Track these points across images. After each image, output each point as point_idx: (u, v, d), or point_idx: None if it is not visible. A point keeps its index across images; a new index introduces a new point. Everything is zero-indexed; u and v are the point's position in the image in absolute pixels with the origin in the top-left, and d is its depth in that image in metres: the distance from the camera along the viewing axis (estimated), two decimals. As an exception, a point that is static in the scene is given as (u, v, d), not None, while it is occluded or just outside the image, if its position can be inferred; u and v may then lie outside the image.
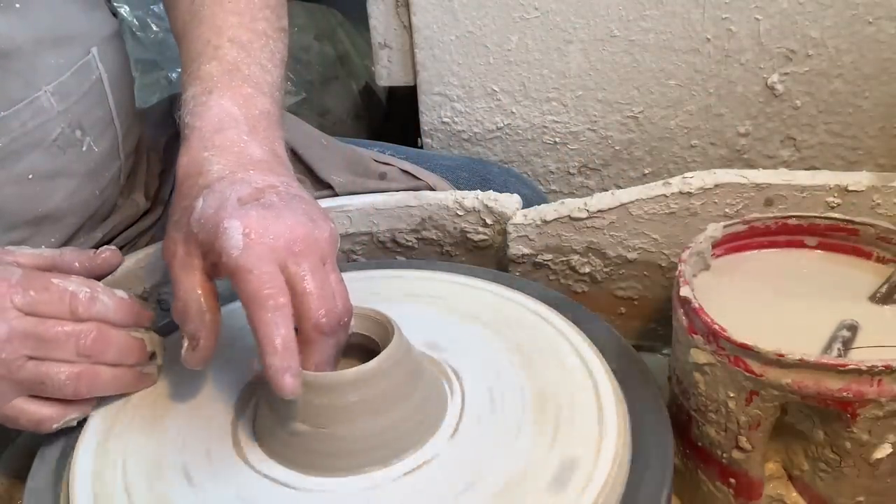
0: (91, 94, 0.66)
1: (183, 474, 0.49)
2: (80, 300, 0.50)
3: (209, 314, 0.49)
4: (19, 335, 0.48)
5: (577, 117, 0.98)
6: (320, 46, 1.55)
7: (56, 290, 0.50)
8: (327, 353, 0.48)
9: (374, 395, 0.47)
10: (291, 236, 0.48)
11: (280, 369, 0.44)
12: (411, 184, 0.81)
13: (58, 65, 0.62)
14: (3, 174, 0.61)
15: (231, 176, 0.52)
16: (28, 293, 0.49)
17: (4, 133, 0.60)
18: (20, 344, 0.48)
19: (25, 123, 0.61)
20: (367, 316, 0.52)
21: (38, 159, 0.63)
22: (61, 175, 0.65)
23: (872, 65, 0.85)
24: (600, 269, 0.72)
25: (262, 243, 0.47)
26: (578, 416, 0.50)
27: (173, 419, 0.53)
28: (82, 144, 0.66)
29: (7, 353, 0.48)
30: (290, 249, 0.48)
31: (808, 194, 0.64)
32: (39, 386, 0.49)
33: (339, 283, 0.50)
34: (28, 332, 0.48)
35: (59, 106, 0.63)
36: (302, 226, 0.49)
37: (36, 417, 0.50)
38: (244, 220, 0.47)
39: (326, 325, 0.47)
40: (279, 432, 0.49)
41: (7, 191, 0.62)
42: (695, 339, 0.51)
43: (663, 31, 0.90)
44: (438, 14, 0.95)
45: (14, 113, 0.60)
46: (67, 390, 0.50)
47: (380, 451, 0.48)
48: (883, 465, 0.48)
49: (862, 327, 0.53)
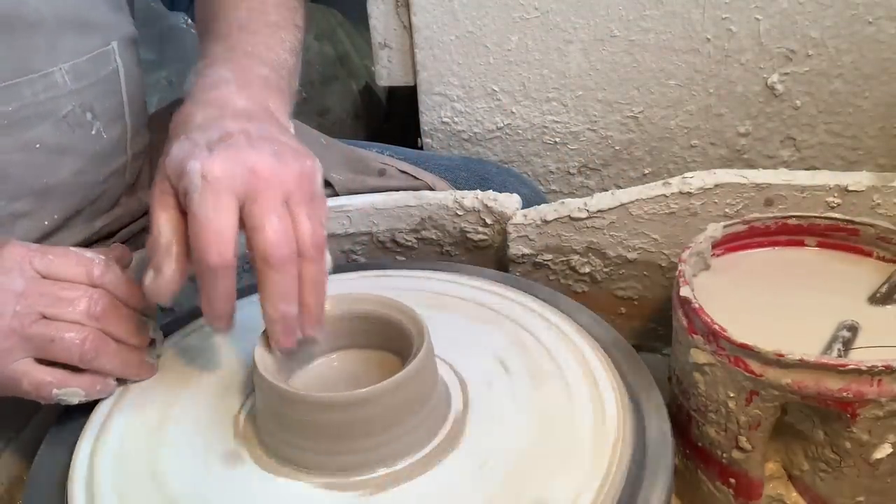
0: (105, 82, 0.69)
1: (182, 475, 0.49)
2: (96, 264, 0.53)
3: (176, 247, 0.50)
4: (34, 292, 0.50)
5: (577, 117, 0.98)
6: (320, 46, 1.55)
7: (74, 255, 0.53)
8: (281, 286, 0.48)
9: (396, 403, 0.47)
10: (249, 176, 0.49)
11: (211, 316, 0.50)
12: (411, 181, 0.81)
13: (76, 48, 0.66)
14: (12, 140, 0.64)
15: (207, 123, 0.54)
16: (47, 256, 0.52)
17: (16, 98, 0.63)
18: (35, 300, 0.50)
19: (37, 94, 0.64)
20: (402, 311, 0.52)
21: (46, 131, 0.65)
22: (69, 153, 0.68)
23: (872, 65, 0.85)
24: (600, 269, 0.72)
25: (217, 184, 0.48)
26: (579, 416, 0.50)
27: (175, 421, 0.53)
28: (91, 127, 0.69)
29: (21, 307, 0.50)
30: (246, 188, 0.48)
31: (808, 194, 0.64)
32: (49, 344, 0.50)
33: (306, 219, 0.50)
34: (43, 290, 0.51)
35: (73, 85, 0.66)
36: (263, 164, 0.49)
37: (37, 379, 0.51)
38: (205, 161, 0.48)
39: (273, 258, 0.47)
40: (287, 438, 0.49)
41: (14, 157, 0.64)
42: (695, 339, 0.51)
43: (663, 31, 0.90)
44: (438, 14, 0.95)
45: (28, 81, 0.63)
46: (74, 352, 0.51)
47: (390, 453, 0.48)
48: (883, 465, 0.48)
49: (862, 327, 0.53)
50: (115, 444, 0.51)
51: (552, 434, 0.49)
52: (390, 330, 0.53)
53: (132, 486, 0.48)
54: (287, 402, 0.47)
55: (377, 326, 0.54)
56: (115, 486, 0.48)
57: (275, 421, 0.49)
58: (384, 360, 0.54)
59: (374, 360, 0.55)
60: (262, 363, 0.49)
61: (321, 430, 0.47)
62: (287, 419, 0.48)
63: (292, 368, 0.54)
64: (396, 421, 0.47)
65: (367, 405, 0.46)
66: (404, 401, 0.47)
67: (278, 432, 0.49)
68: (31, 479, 0.51)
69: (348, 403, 0.46)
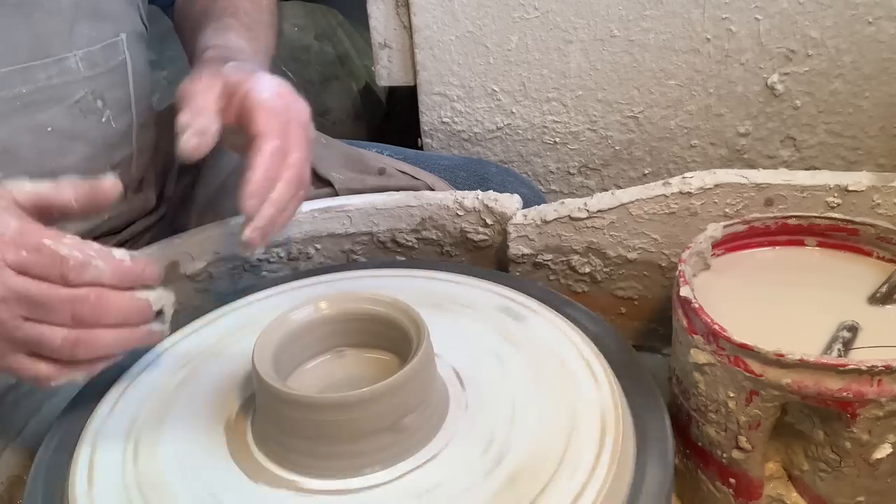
0: (115, 72, 0.71)
1: (181, 475, 0.49)
2: (71, 266, 0.48)
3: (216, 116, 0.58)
4: (14, 296, 0.47)
5: (577, 117, 0.98)
6: (320, 46, 1.55)
7: (48, 253, 0.48)
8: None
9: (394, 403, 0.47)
10: (302, 115, 0.61)
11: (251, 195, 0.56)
12: (410, 181, 0.81)
13: (90, 35, 0.69)
14: (24, 121, 0.65)
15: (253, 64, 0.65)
16: (20, 252, 0.47)
17: (30, 81, 0.65)
18: (15, 304, 0.47)
19: (51, 78, 0.66)
20: (402, 310, 0.52)
21: (58, 115, 0.67)
22: (79, 138, 0.69)
23: (872, 65, 0.85)
24: (600, 269, 0.72)
25: (285, 100, 0.60)
26: (579, 416, 0.50)
27: (174, 420, 0.53)
28: (102, 115, 0.71)
29: (2, 313, 0.47)
30: (297, 120, 0.60)
31: (808, 194, 0.64)
32: (36, 346, 0.49)
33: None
34: (21, 293, 0.47)
35: (86, 72, 0.68)
36: (305, 112, 0.62)
37: (33, 374, 0.50)
38: (275, 80, 0.60)
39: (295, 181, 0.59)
40: (284, 440, 0.49)
41: (26, 139, 0.66)
42: (695, 339, 0.51)
43: (663, 31, 0.90)
44: (438, 14, 0.95)
45: (42, 65, 0.65)
46: (64, 353, 0.49)
47: (389, 453, 0.48)
48: (883, 465, 0.48)
49: (862, 327, 0.53)
50: (114, 444, 0.51)
51: (553, 434, 0.49)
52: (390, 330, 0.53)
53: (132, 485, 0.48)
54: (284, 402, 0.47)
55: (377, 326, 0.54)
56: (114, 485, 0.48)
57: (272, 422, 0.49)
58: (384, 360, 0.54)
59: (374, 360, 0.55)
60: (260, 363, 0.49)
61: (319, 431, 0.47)
62: (285, 420, 0.48)
63: (291, 368, 0.54)
64: (396, 421, 0.47)
65: (367, 405, 0.46)
66: (404, 400, 0.47)
67: (276, 433, 0.49)
68: (31, 479, 0.51)
69: (347, 404, 0.46)
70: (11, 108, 0.65)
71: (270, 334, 0.52)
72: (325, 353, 0.56)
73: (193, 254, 0.72)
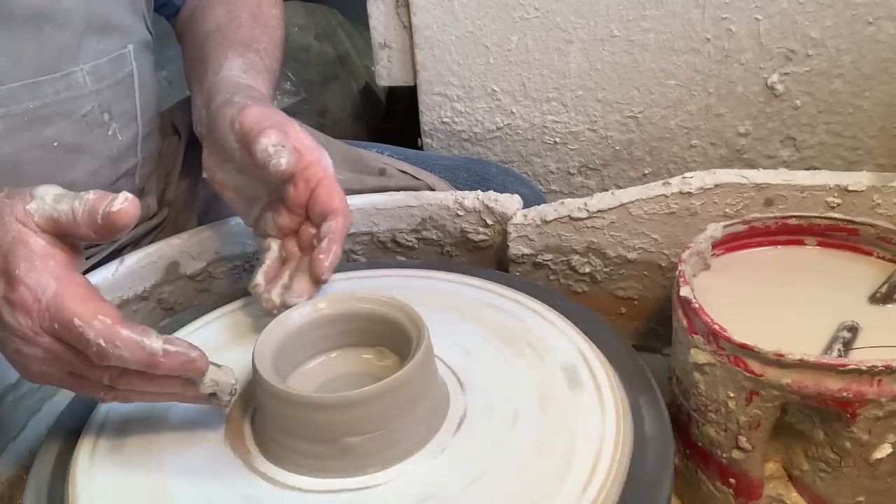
0: (122, 85, 0.71)
1: (181, 474, 0.49)
2: (94, 353, 0.46)
3: None
4: (52, 356, 0.47)
5: (577, 117, 0.98)
6: (320, 46, 1.55)
7: (75, 334, 0.46)
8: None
9: (394, 402, 0.47)
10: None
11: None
12: (411, 181, 0.81)
13: (98, 49, 0.68)
14: (31, 136, 0.65)
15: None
16: (53, 324, 0.46)
17: (38, 97, 0.64)
18: (56, 362, 0.47)
19: (59, 93, 0.66)
20: (402, 310, 0.52)
21: (65, 129, 0.67)
22: (85, 152, 0.69)
23: (872, 65, 0.85)
24: (600, 269, 0.72)
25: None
26: (579, 416, 0.50)
27: (175, 420, 0.53)
28: (108, 128, 0.71)
29: (48, 367, 0.48)
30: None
31: (808, 194, 0.64)
32: (81, 389, 0.49)
33: None
34: (60, 355, 0.47)
35: (93, 86, 0.68)
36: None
37: (89, 395, 0.50)
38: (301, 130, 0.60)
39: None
40: (284, 440, 0.49)
41: (32, 154, 0.66)
42: (695, 339, 0.51)
43: (663, 31, 0.90)
44: (438, 14, 0.95)
45: (50, 80, 0.65)
46: (108, 401, 0.49)
47: (389, 453, 0.48)
48: (883, 465, 0.48)
49: (862, 327, 0.53)
50: (114, 444, 0.51)
51: (553, 434, 0.49)
52: (390, 329, 0.53)
53: (132, 485, 0.48)
54: (284, 402, 0.47)
55: (377, 326, 0.54)
56: (114, 485, 0.48)
57: (272, 421, 0.49)
58: (384, 360, 0.54)
59: (373, 359, 0.55)
60: (260, 363, 0.49)
61: (319, 430, 0.47)
62: (285, 419, 0.48)
63: (291, 368, 0.54)
64: (396, 420, 0.47)
65: (367, 405, 0.46)
66: (404, 400, 0.47)
67: (277, 433, 0.49)
68: (31, 479, 0.51)
69: (346, 403, 0.46)
70: (19, 123, 0.64)
71: (270, 334, 0.52)
72: (325, 352, 0.55)
73: (193, 254, 0.72)
